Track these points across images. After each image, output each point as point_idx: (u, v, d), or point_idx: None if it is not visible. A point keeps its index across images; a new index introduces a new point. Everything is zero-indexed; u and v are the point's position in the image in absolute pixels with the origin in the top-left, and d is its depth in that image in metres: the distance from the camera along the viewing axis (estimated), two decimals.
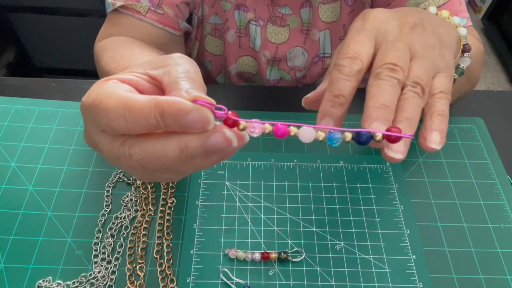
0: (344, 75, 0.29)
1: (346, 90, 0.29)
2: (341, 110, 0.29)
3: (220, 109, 0.24)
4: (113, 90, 0.25)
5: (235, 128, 0.24)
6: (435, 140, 0.28)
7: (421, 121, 0.29)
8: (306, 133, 0.25)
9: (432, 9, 0.40)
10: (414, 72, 0.30)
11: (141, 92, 0.26)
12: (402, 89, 0.30)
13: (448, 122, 0.29)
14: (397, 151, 0.27)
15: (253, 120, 0.25)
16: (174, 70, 0.26)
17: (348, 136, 0.25)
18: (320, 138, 0.25)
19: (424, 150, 0.28)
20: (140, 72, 0.27)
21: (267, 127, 0.25)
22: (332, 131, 0.25)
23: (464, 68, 0.40)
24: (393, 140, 0.25)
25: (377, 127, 0.27)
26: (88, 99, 0.25)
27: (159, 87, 0.27)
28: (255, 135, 0.25)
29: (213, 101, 0.24)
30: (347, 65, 0.30)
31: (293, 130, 0.25)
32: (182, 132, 0.24)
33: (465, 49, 0.39)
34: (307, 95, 0.35)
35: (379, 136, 0.25)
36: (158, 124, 0.23)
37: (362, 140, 0.25)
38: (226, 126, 0.24)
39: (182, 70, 0.26)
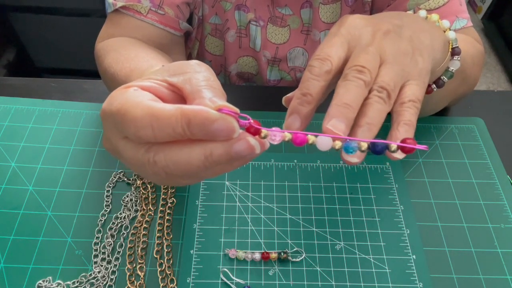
0: (313, 75, 0.30)
1: (314, 89, 0.30)
2: (307, 108, 0.30)
3: (244, 117, 0.25)
4: (139, 100, 0.25)
5: (257, 136, 0.25)
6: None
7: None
8: (324, 141, 0.26)
9: (422, 13, 0.40)
10: (382, 77, 0.30)
11: (161, 99, 0.27)
12: (369, 93, 0.30)
13: (414, 131, 0.30)
14: (353, 155, 0.28)
15: (274, 128, 0.26)
16: (194, 78, 0.27)
17: (364, 145, 0.26)
18: (337, 147, 0.26)
19: (389, 158, 0.29)
20: (159, 79, 0.28)
21: (287, 135, 0.26)
22: (348, 140, 0.26)
23: (453, 71, 0.40)
24: (408, 151, 0.26)
25: (335, 125, 0.27)
26: (111, 106, 0.25)
27: (178, 94, 0.27)
28: (275, 143, 0.26)
29: (237, 110, 0.24)
30: (317, 66, 0.31)
31: (311, 138, 0.26)
32: (207, 139, 0.24)
33: (455, 52, 0.39)
34: (287, 94, 0.35)
35: (394, 147, 0.26)
36: (184, 133, 0.24)
37: (378, 149, 0.26)
38: (249, 134, 0.25)
39: (203, 78, 0.27)
